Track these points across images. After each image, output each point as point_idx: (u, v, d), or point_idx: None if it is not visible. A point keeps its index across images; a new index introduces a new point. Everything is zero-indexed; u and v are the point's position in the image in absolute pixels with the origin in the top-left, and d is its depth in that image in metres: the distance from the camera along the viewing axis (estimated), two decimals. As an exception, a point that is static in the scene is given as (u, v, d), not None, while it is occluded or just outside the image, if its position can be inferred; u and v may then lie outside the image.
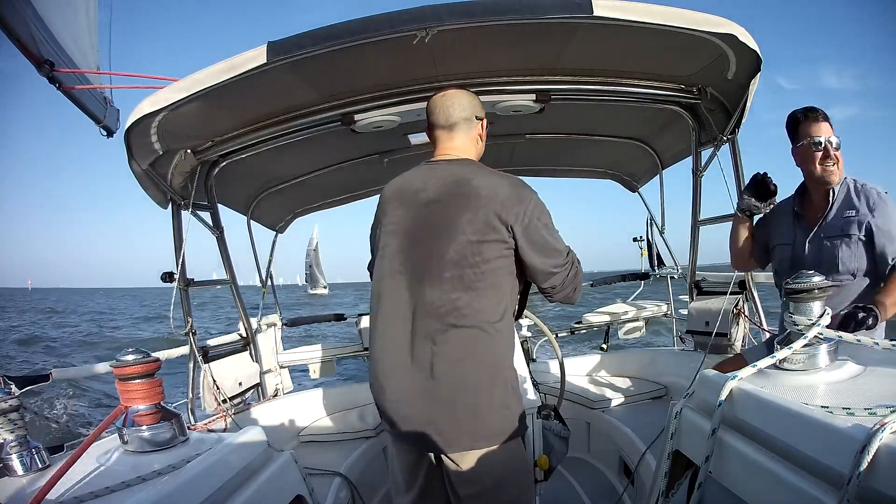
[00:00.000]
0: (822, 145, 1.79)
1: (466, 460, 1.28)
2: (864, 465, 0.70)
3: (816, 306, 1.08)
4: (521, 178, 1.39)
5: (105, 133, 2.09)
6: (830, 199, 1.84)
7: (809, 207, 1.92)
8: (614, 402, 2.72)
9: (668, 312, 3.42)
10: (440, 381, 1.26)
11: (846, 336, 1.07)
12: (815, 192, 1.89)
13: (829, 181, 1.82)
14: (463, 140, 1.43)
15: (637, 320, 3.48)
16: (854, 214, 1.79)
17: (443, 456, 1.31)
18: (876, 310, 1.56)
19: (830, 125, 1.82)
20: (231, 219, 2.79)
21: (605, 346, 3.61)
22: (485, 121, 1.47)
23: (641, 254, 3.73)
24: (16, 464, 1.16)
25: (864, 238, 1.76)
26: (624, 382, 2.99)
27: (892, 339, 1.10)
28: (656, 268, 3.70)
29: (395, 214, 1.39)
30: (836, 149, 1.80)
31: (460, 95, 1.44)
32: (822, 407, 0.88)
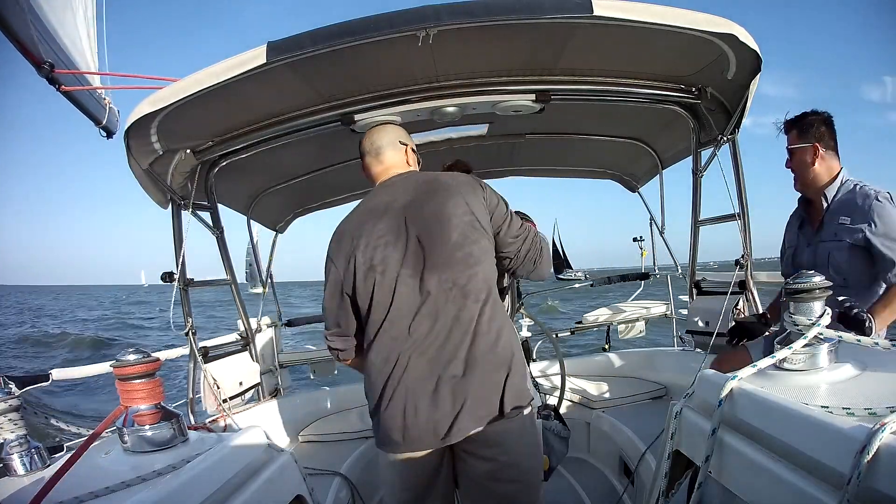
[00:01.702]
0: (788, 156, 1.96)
1: (500, 427, 1.33)
2: (864, 465, 0.70)
3: (817, 306, 1.08)
4: (522, 178, 1.49)
5: (105, 134, 2.09)
6: (824, 204, 1.89)
7: (812, 212, 1.97)
8: (614, 402, 2.72)
9: (668, 312, 3.42)
10: (477, 358, 1.31)
11: (846, 336, 1.07)
12: (813, 198, 1.96)
13: (796, 187, 1.97)
14: (392, 159, 1.52)
15: (637, 320, 3.48)
16: (848, 221, 1.79)
17: (476, 434, 1.33)
18: (868, 318, 1.55)
19: (796, 133, 1.91)
20: (231, 219, 2.78)
21: (605, 346, 3.61)
22: (409, 147, 1.56)
23: (642, 254, 3.74)
24: (16, 464, 1.17)
25: (858, 245, 1.75)
26: (624, 382, 2.99)
27: (891, 339, 1.10)
28: (563, 272, 3.70)
29: (379, 229, 1.37)
30: (788, 158, 1.94)
31: (384, 127, 1.59)
32: (822, 407, 0.88)
